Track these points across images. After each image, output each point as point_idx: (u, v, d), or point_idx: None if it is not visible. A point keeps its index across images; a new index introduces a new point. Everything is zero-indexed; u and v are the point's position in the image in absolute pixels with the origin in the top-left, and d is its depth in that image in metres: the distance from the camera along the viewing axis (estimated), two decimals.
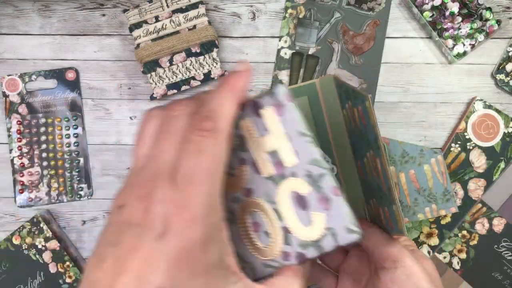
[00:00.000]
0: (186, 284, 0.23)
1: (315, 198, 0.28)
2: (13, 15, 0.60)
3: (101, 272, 0.23)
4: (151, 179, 0.24)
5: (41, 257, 0.57)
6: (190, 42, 0.57)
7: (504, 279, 0.57)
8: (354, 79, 0.58)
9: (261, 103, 0.29)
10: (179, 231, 0.23)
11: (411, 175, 0.43)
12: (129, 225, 0.24)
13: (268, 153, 0.29)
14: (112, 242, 0.24)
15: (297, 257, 0.29)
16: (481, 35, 0.58)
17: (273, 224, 0.29)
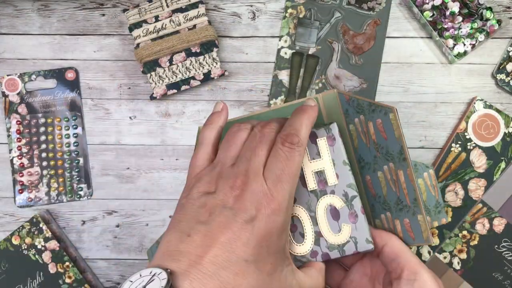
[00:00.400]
0: (263, 261, 0.30)
1: (346, 213, 0.38)
2: (12, 15, 0.60)
3: (189, 244, 0.28)
4: (244, 174, 0.31)
5: (40, 257, 0.57)
6: (190, 42, 0.57)
7: (505, 279, 0.57)
8: (354, 79, 0.58)
9: (318, 134, 0.38)
10: (266, 217, 0.30)
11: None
12: (222, 207, 0.30)
13: (316, 172, 0.38)
14: (202, 221, 0.29)
15: (322, 256, 0.38)
16: (482, 35, 0.57)
17: (308, 228, 0.38)
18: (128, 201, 0.59)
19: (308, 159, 0.38)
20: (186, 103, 0.59)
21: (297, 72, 0.59)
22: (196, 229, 0.29)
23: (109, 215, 0.59)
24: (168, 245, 0.29)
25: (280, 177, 0.31)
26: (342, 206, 0.38)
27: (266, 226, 0.30)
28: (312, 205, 0.38)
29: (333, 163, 0.38)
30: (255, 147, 0.33)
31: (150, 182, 0.59)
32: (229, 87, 0.59)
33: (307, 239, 0.38)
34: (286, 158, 0.32)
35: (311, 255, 0.38)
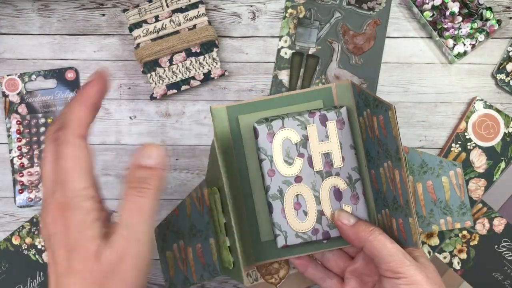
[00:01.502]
0: None
1: (348, 195, 0.40)
2: (12, 15, 0.60)
3: None
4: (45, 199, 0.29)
5: (40, 257, 0.57)
6: (190, 42, 0.57)
7: (505, 279, 0.57)
8: (354, 79, 0.58)
9: (328, 117, 0.40)
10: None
11: (429, 186, 0.43)
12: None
13: (323, 154, 0.40)
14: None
15: (323, 234, 0.40)
16: (482, 35, 0.57)
17: (311, 206, 0.40)
18: None
19: (317, 141, 0.39)
20: (186, 103, 0.59)
21: (297, 72, 0.59)
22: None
23: None
24: None
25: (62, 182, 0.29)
26: (345, 188, 0.40)
27: None
28: (317, 185, 0.40)
29: (340, 146, 0.39)
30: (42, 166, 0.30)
31: None
32: (229, 87, 0.59)
33: (309, 217, 0.40)
34: (56, 158, 0.29)
35: (312, 232, 0.40)
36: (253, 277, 0.58)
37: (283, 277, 0.56)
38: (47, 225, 0.28)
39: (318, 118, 0.40)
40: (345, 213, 0.39)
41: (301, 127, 0.40)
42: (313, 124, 0.40)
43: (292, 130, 0.40)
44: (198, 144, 0.59)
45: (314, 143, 0.39)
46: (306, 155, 0.40)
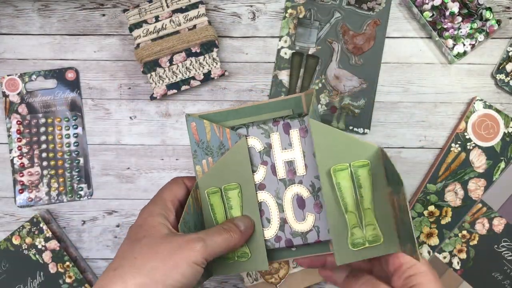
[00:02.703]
0: None
1: (311, 203, 0.40)
2: (13, 15, 0.60)
3: None
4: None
5: (41, 257, 0.57)
6: (190, 42, 0.57)
7: (504, 279, 0.57)
8: (354, 79, 0.58)
9: (292, 125, 0.40)
10: None
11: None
12: None
13: (286, 162, 0.40)
14: None
15: (286, 242, 0.40)
16: (481, 35, 0.58)
17: (274, 214, 0.40)
18: (128, 201, 0.60)
19: (280, 149, 0.40)
20: (186, 103, 0.59)
21: (297, 72, 0.59)
22: None
23: (109, 215, 0.60)
24: None
25: None
26: (308, 196, 0.40)
27: None
28: (280, 193, 0.40)
29: (303, 154, 0.40)
30: None
31: (150, 182, 0.59)
32: (229, 87, 0.59)
33: (272, 224, 0.40)
34: None
35: (275, 240, 0.40)
36: (253, 277, 0.58)
37: (283, 277, 0.56)
38: None
39: (282, 126, 0.40)
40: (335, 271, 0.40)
41: (265, 135, 0.40)
42: (276, 132, 0.40)
43: (256, 139, 0.40)
44: None
45: (277, 151, 0.40)
46: (269, 163, 0.40)
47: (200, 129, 0.41)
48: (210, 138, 0.40)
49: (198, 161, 0.41)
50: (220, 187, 0.40)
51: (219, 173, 0.40)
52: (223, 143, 0.40)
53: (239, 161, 0.40)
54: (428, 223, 0.58)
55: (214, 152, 0.40)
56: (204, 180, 0.40)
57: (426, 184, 0.58)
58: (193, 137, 0.41)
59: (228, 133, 0.40)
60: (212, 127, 0.40)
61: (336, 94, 0.59)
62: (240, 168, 0.40)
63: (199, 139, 0.41)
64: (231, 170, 0.40)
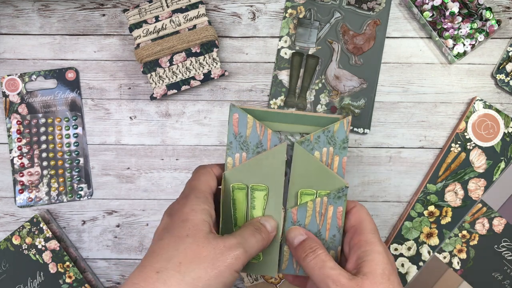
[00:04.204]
0: None
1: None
2: (13, 15, 0.60)
3: None
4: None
5: (41, 257, 0.57)
6: (190, 42, 0.57)
7: (504, 279, 0.57)
8: (354, 79, 0.58)
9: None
10: None
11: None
12: None
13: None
14: None
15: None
16: (481, 35, 0.58)
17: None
18: (128, 201, 0.60)
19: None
20: (186, 103, 0.59)
21: (297, 72, 0.59)
22: None
23: (109, 215, 0.60)
24: None
25: None
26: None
27: None
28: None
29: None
30: None
31: (150, 182, 0.59)
32: (229, 87, 0.59)
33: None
34: None
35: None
36: (253, 277, 0.58)
37: (283, 277, 0.56)
38: None
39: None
40: (291, 233, 0.39)
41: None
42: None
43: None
44: (198, 144, 0.59)
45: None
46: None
47: (241, 122, 0.40)
48: (250, 134, 0.40)
49: (231, 153, 0.40)
50: (247, 184, 0.40)
51: (250, 170, 0.40)
52: (262, 143, 0.40)
53: (274, 165, 0.40)
54: (428, 223, 0.58)
55: (250, 148, 0.40)
56: (233, 173, 0.40)
57: (426, 184, 0.58)
58: (233, 128, 0.40)
59: (270, 134, 0.40)
60: (255, 123, 0.40)
61: (336, 94, 0.59)
62: (273, 172, 0.40)
63: (237, 132, 0.40)
64: (263, 172, 0.40)
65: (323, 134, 0.40)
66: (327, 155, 0.40)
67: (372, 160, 0.59)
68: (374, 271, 0.34)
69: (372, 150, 0.59)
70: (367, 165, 0.59)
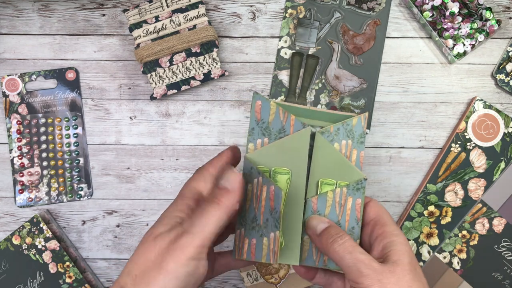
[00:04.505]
0: None
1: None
2: (13, 15, 0.60)
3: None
4: None
5: (41, 257, 0.57)
6: (190, 42, 0.57)
7: (504, 279, 0.57)
8: (354, 79, 0.58)
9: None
10: None
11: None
12: None
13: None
14: None
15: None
16: (481, 35, 0.58)
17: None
18: (128, 201, 0.60)
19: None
20: (186, 103, 0.59)
21: (297, 72, 0.59)
22: None
23: (109, 215, 0.60)
24: None
25: None
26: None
27: None
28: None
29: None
30: None
31: (150, 182, 0.59)
32: (229, 87, 0.59)
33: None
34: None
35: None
36: (253, 277, 0.58)
37: (283, 277, 0.56)
38: None
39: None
40: (313, 221, 0.38)
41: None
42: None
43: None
44: (198, 144, 0.59)
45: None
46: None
47: (264, 109, 0.40)
48: (273, 120, 0.40)
49: (253, 139, 0.40)
50: (270, 168, 0.39)
51: (273, 154, 0.39)
52: (285, 128, 0.40)
53: (298, 149, 0.39)
54: (428, 223, 0.58)
55: (272, 134, 0.40)
56: (255, 156, 0.40)
57: (426, 184, 0.58)
58: (255, 115, 0.40)
59: (293, 119, 0.40)
60: (278, 110, 0.40)
61: (336, 94, 0.59)
62: (296, 155, 0.39)
63: (260, 118, 0.40)
64: (286, 155, 0.39)
65: (342, 127, 0.40)
66: (346, 148, 0.40)
67: (372, 160, 0.59)
68: (402, 260, 0.35)
69: (372, 150, 0.59)
70: (367, 165, 0.59)
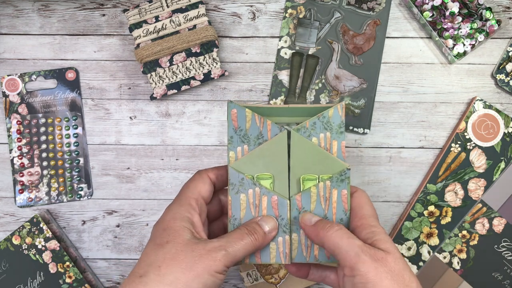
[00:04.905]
0: None
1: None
2: (13, 15, 0.60)
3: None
4: None
5: (41, 257, 0.57)
6: (190, 42, 0.57)
7: (504, 279, 0.57)
8: (354, 79, 0.58)
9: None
10: None
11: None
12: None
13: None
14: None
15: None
16: (481, 35, 0.58)
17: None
18: (128, 201, 0.60)
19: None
20: (186, 103, 0.59)
21: (297, 72, 0.59)
22: None
23: (109, 215, 0.60)
24: None
25: None
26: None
27: None
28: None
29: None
30: None
31: (150, 182, 0.59)
32: (229, 87, 0.59)
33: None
34: None
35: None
36: (253, 277, 0.58)
37: (283, 276, 0.56)
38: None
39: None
40: (307, 215, 0.40)
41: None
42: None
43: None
44: (198, 144, 0.59)
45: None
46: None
47: (240, 116, 0.41)
48: (250, 127, 0.41)
49: (233, 147, 0.41)
50: (253, 174, 0.41)
51: (254, 161, 0.41)
52: (262, 134, 0.41)
53: (277, 153, 0.41)
54: (428, 223, 0.58)
55: (251, 141, 0.41)
56: (238, 164, 0.41)
57: (426, 184, 0.58)
58: (232, 123, 0.41)
59: (269, 124, 0.41)
60: (253, 116, 0.41)
61: (336, 94, 0.59)
62: (276, 159, 0.41)
63: (237, 126, 0.41)
64: (267, 160, 0.41)
65: (319, 120, 0.41)
66: (325, 141, 0.41)
67: (372, 160, 0.59)
68: (390, 248, 0.36)
69: (372, 150, 0.59)
70: (367, 165, 0.59)
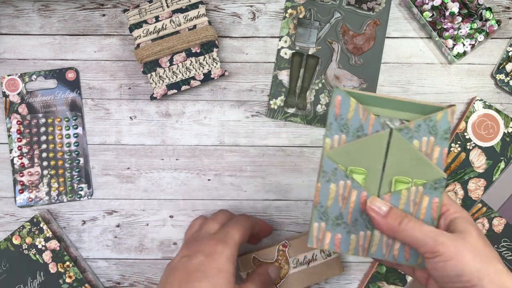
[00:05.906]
0: None
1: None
2: (13, 15, 0.60)
3: None
4: (202, 240, 0.46)
5: (41, 257, 0.57)
6: (190, 42, 0.57)
7: None
8: (354, 79, 0.59)
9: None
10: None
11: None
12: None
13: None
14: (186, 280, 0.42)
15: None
16: (481, 35, 0.58)
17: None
18: (128, 201, 0.60)
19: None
20: (186, 103, 0.59)
21: (297, 72, 0.59)
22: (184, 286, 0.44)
23: (109, 215, 0.60)
24: None
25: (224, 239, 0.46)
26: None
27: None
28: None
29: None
30: (207, 225, 0.49)
31: (150, 182, 0.59)
32: (229, 87, 0.60)
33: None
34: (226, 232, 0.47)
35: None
36: None
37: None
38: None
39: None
40: (376, 202, 0.40)
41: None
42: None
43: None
44: (198, 144, 0.59)
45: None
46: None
47: (344, 104, 0.40)
48: (352, 117, 0.40)
49: (330, 134, 0.40)
50: (347, 167, 0.40)
51: (350, 153, 0.40)
52: (363, 127, 0.40)
53: (375, 150, 0.40)
54: None
55: (350, 131, 0.40)
56: (333, 153, 0.40)
57: None
58: (334, 109, 0.40)
59: (372, 119, 0.40)
60: (357, 107, 0.40)
61: None
62: (373, 156, 0.40)
63: (338, 114, 0.40)
64: (363, 155, 0.40)
65: (425, 122, 0.40)
66: (427, 145, 0.40)
67: None
68: (469, 229, 0.37)
69: None
70: None
